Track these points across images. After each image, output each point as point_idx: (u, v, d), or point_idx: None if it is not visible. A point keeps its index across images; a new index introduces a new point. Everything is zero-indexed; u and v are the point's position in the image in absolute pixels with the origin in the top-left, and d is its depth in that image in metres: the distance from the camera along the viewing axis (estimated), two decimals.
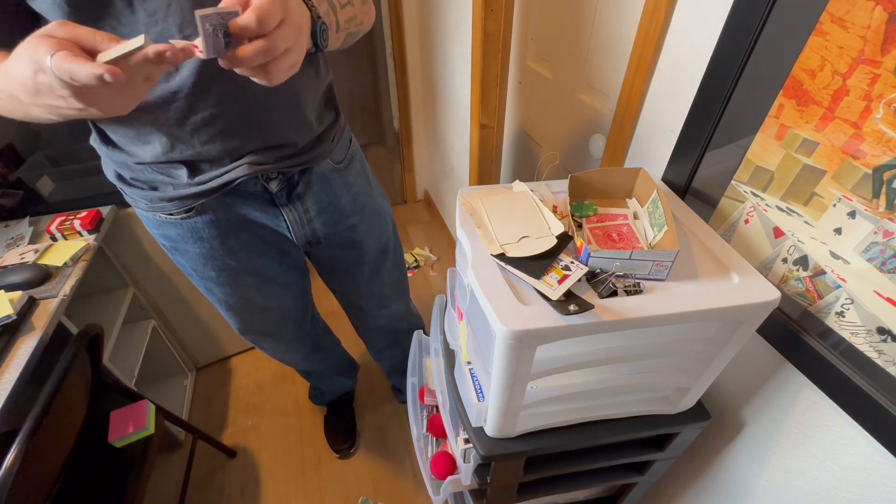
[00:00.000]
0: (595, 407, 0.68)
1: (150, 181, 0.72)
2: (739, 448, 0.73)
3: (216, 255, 0.81)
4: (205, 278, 0.86)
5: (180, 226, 0.76)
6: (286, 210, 0.80)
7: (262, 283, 0.92)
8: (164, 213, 0.75)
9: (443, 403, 0.80)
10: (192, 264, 0.84)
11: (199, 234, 0.78)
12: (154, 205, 0.73)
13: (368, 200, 0.93)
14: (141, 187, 0.72)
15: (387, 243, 1.02)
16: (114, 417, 1.06)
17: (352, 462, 1.46)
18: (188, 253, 0.81)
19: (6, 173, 1.31)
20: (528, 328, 0.47)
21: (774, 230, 0.58)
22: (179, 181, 0.70)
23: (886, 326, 0.47)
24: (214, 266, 0.83)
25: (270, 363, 1.77)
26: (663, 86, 0.71)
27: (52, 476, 0.82)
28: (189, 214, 0.75)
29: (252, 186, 0.75)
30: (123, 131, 0.65)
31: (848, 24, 0.44)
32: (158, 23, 0.54)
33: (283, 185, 0.77)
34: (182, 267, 0.87)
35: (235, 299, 0.92)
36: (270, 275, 0.91)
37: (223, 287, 0.88)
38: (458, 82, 1.61)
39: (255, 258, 0.86)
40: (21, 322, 0.92)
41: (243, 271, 0.87)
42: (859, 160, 0.46)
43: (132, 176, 0.72)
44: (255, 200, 0.77)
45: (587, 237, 0.60)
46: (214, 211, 0.76)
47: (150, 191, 0.72)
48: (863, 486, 0.55)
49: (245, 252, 0.84)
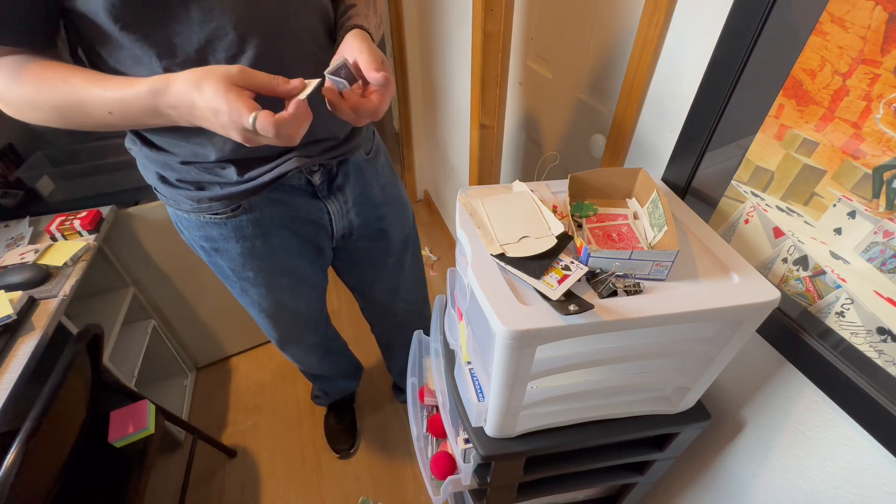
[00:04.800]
0: (595, 407, 0.67)
1: (196, 181, 0.71)
2: (739, 448, 0.73)
3: (256, 254, 0.82)
4: (242, 278, 0.86)
5: (224, 225, 0.76)
6: (329, 202, 0.82)
7: (296, 284, 0.93)
8: (210, 214, 0.74)
9: (443, 403, 0.80)
10: (232, 264, 0.83)
11: (242, 232, 0.78)
12: (201, 205, 0.73)
13: (395, 191, 0.95)
14: (186, 188, 0.72)
15: (408, 234, 1.04)
16: (114, 417, 1.06)
17: (352, 462, 1.46)
18: (229, 253, 0.81)
19: (6, 173, 1.31)
20: (528, 328, 0.47)
21: (774, 230, 0.58)
22: (228, 180, 0.70)
23: (886, 326, 0.47)
24: (253, 266, 0.84)
25: (271, 363, 1.78)
26: (663, 86, 0.71)
27: (52, 476, 0.82)
28: (235, 213, 0.75)
29: (297, 180, 0.76)
30: (172, 132, 0.65)
31: (848, 24, 0.44)
32: (214, 20, 0.56)
33: (324, 178, 0.79)
34: (218, 269, 0.87)
35: (269, 301, 0.92)
36: (304, 275, 0.92)
37: (259, 288, 0.89)
38: (458, 82, 1.61)
39: (293, 258, 0.87)
40: (21, 322, 0.92)
41: (280, 272, 0.87)
42: (859, 160, 0.46)
43: (177, 177, 0.71)
44: (300, 194, 0.79)
45: (587, 237, 0.60)
46: (261, 209, 0.76)
47: (196, 191, 0.72)
48: (863, 486, 0.55)
49: (284, 252, 0.84)
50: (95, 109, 0.53)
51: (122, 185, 1.37)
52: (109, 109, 0.52)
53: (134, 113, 0.53)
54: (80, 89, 0.52)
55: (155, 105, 0.51)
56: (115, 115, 0.53)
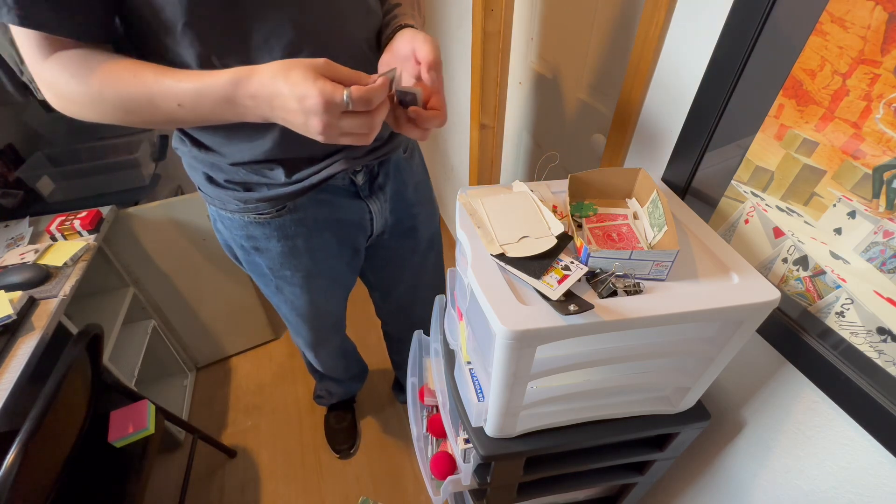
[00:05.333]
0: (595, 407, 0.67)
1: (244, 182, 0.72)
2: (739, 448, 0.73)
3: (296, 254, 0.82)
4: (279, 277, 0.87)
5: (268, 225, 0.77)
6: (370, 201, 0.83)
7: (330, 285, 0.93)
8: (255, 214, 0.75)
9: (443, 403, 0.80)
10: (271, 263, 0.84)
11: (285, 231, 0.78)
12: (248, 206, 0.73)
13: (427, 190, 0.96)
14: (234, 189, 0.72)
15: (434, 234, 1.05)
16: (114, 417, 1.06)
17: (352, 462, 1.46)
18: (269, 252, 0.81)
19: (6, 173, 1.31)
20: (527, 328, 0.47)
21: (774, 230, 0.58)
22: (275, 181, 0.71)
23: (886, 326, 0.47)
24: (291, 265, 0.84)
25: (271, 363, 1.78)
26: (663, 85, 0.71)
27: (52, 476, 0.82)
28: (280, 213, 0.75)
29: (341, 181, 0.77)
30: (224, 132, 0.65)
31: (848, 24, 0.44)
32: (272, 20, 0.56)
33: (366, 177, 0.80)
34: (255, 267, 0.87)
35: (303, 301, 0.93)
36: (339, 276, 0.93)
37: (294, 287, 0.89)
38: (458, 82, 1.61)
39: (331, 259, 0.87)
40: (21, 322, 0.92)
41: (317, 272, 0.88)
42: (859, 160, 0.46)
43: (225, 178, 0.72)
44: (343, 195, 0.80)
45: (587, 237, 0.60)
46: (305, 209, 0.77)
47: (244, 192, 0.72)
48: (863, 486, 0.55)
49: (323, 252, 0.85)
50: (165, 102, 0.52)
51: (122, 185, 1.37)
52: (180, 102, 0.51)
53: (206, 105, 0.51)
54: (151, 82, 0.51)
55: (233, 95, 0.50)
56: (184, 107, 0.52)
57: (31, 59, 0.52)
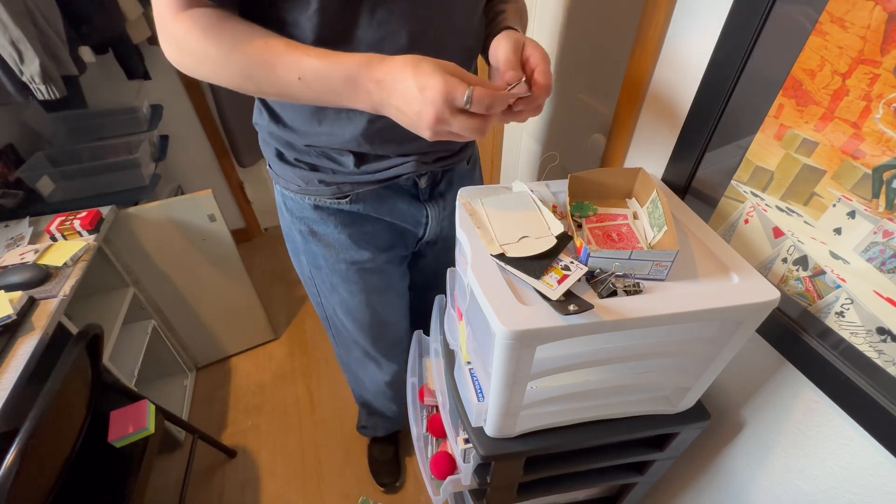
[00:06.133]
0: (595, 407, 0.67)
1: (313, 164, 0.73)
2: (739, 448, 0.73)
3: (352, 245, 0.83)
4: (334, 271, 0.87)
5: (327, 209, 0.78)
6: (429, 206, 0.83)
7: (385, 287, 0.93)
8: (316, 195, 0.76)
9: (443, 403, 0.80)
10: (326, 251, 0.84)
11: (342, 219, 0.79)
12: (310, 187, 0.74)
13: None
14: (302, 167, 0.74)
15: None
16: (114, 417, 1.06)
17: (352, 462, 1.46)
18: (326, 238, 0.82)
19: (6, 173, 1.31)
20: (527, 328, 0.47)
21: (774, 230, 0.58)
22: (344, 168, 0.72)
23: (886, 326, 0.47)
24: (347, 256, 0.84)
25: (271, 363, 1.78)
26: (663, 85, 0.71)
27: (52, 476, 0.82)
28: (339, 201, 0.76)
29: (405, 182, 0.78)
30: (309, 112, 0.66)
31: (847, 24, 0.44)
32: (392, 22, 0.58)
33: (428, 182, 0.81)
34: (311, 259, 0.87)
35: (358, 301, 0.92)
36: (390, 277, 0.93)
37: (349, 284, 0.89)
38: None
39: (383, 255, 0.87)
40: (21, 322, 0.92)
41: (370, 269, 0.88)
42: (859, 160, 0.46)
43: (296, 157, 0.73)
44: (403, 195, 0.81)
45: (587, 237, 0.60)
46: (365, 201, 0.78)
47: (310, 172, 0.73)
48: (863, 485, 0.55)
49: (377, 248, 0.85)
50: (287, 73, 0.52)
51: (122, 185, 1.37)
52: (301, 75, 0.51)
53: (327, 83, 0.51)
54: (280, 51, 0.51)
55: (357, 76, 0.50)
56: (303, 81, 0.52)
57: (164, 11, 0.52)
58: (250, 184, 2.30)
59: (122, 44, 1.47)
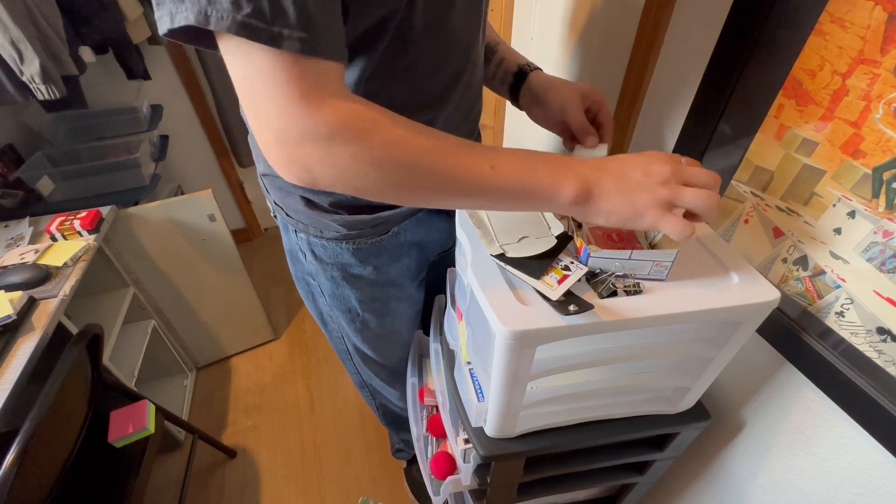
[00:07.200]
0: (595, 407, 0.67)
1: (353, 205, 0.66)
2: (739, 448, 0.73)
3: (389, 282, 0.80)
4: (367, 310, 0.83)
5: (367, 250, 0.73)
6: None
7: (414, 313, 0.91)
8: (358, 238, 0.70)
9: (443, 403, 0.80)
10: (360, 294, 0.80)
11: (381, 255, 0.75)
12: (351, 232, 0.68)
13: None
14: (341, 213, 0.67)
15: None
16: (114, 417, 1.06)
17: (352, 462, 1.46)
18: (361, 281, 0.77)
19: (6, 173, 1.31)
20: (527, 328, 0.47)
21: (774, 230, 0.58)
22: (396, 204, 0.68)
23: (886, 326, 0.47)
24: (381, 295, 0.81)
25: (271, 363, 1.78)
26: (663, 86, 0.71)
27: (52, 476, 0.82)
28: (382, 238, 0.72)
29: None
30: None
31: (847, 24, 0.44)
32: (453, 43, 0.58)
33: None
34: (341, 302, 0.82)
35: (386, 331, 0.89)
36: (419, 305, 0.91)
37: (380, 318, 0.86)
38: None
39: (415, 284, 0.85)
40: (21, 322, 0.92)
41: (402, 298, 0.85)
42: (859, 160, 0.46)
43: (331, 201, 0.65)
44: (438, 214, 0.79)
45: (587, 237, 0.60)
46: (406, 232, 0.75)
47: (349, 216, 0.67)
48: (862, 486, 0.55)
49: (409, 279, 0.83)
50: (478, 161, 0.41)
51: (122, 185, 1.38)
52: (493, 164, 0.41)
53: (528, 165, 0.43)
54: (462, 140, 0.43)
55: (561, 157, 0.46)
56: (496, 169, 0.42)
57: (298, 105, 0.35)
58: (250, 184, 2.30)
59: (122, 44, 1.47)
